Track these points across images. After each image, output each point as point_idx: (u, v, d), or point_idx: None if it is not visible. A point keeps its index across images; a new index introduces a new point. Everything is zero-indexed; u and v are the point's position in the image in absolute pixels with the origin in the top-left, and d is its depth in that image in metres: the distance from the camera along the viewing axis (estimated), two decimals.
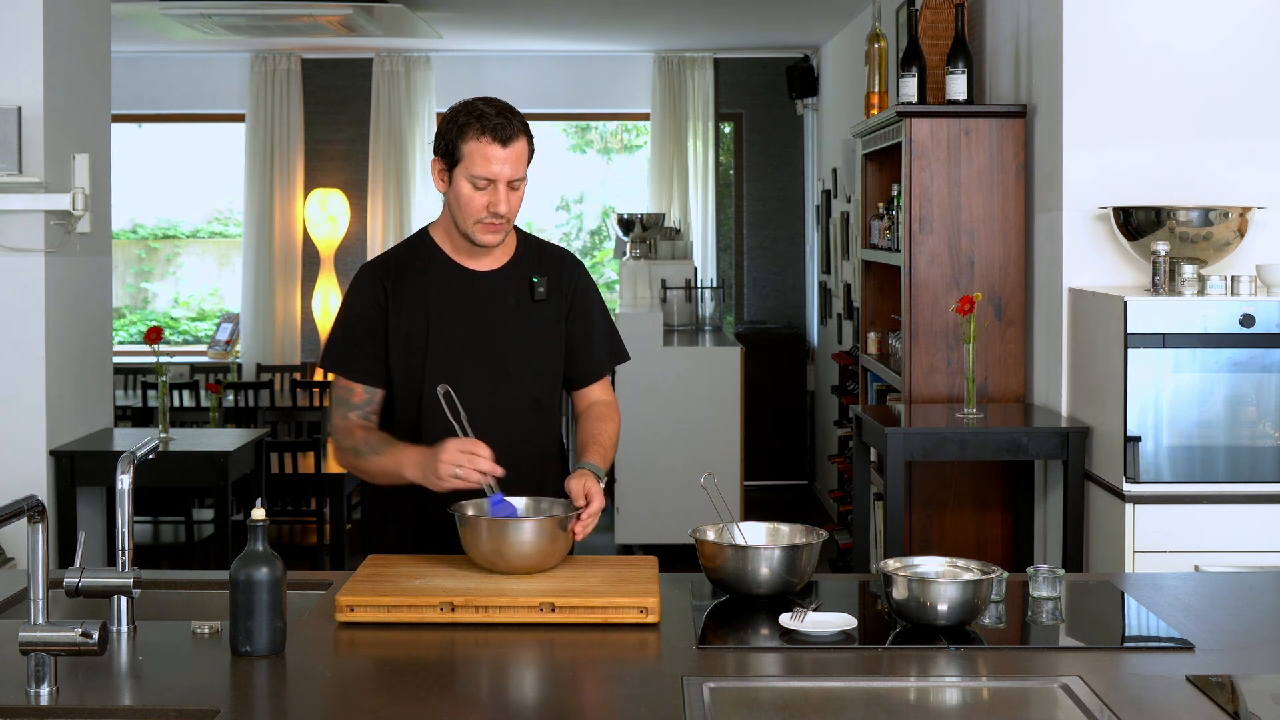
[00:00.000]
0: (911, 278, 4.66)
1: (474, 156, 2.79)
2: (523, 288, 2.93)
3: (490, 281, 2.93)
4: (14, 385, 4.96)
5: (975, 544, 4.64)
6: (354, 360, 2.90)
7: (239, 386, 7.90)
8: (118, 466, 2.43)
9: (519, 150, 2.81)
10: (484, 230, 2.84)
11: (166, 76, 9.72)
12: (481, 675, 2.27)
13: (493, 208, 2.81)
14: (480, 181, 2.79)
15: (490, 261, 2.94)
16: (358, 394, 2.90)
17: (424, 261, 2.93)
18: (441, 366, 2.86)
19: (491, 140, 2.78)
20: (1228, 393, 3.76)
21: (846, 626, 2.40)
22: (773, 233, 9.97)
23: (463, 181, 2.81)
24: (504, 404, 2.88)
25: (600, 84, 9.82)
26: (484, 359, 2.88)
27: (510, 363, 2.89)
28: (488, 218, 2.82)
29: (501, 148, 2.78)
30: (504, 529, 2.55)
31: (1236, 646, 2.37)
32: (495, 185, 2.80)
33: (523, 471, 2.83)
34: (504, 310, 2.91)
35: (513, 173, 2.80)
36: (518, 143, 2.80)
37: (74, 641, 2.06)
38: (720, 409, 7.26)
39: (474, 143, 2.79)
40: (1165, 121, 4.25)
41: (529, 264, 2.96)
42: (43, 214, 4.92)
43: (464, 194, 2.82)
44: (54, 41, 4.99)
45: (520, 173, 2.82)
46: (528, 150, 2.84)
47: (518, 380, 2.90)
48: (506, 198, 2.81)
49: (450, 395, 2.73)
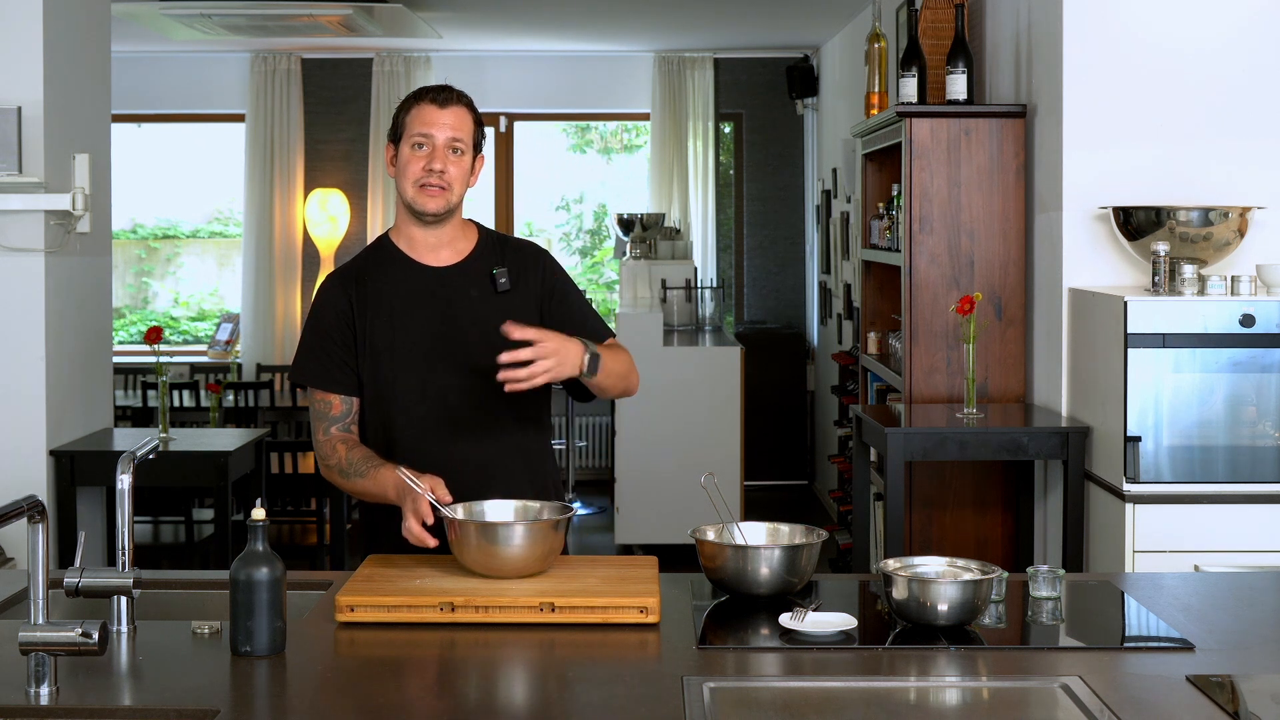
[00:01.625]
0: (911, 278, 4.66)
1: (413, 121, 2.88)
2: (484, 280, 2.92)
3: (450, 276, 2.92)
4: (14, 385, 4.96)
5: (975, 544, 4.63)
6: (325, 371, 2.89)
7: (239, 386, 7.90)
8: (118, 466, 2.43)
9: (457, 114, 2.88)
10: (424, 195, 2.86)
11: (166, 76, 9.72)
12: (481, 675, 2.27)
13: (429, 163, 2.85)
14: (418, 139, 2.86)
15: (449, 255, 2.94)
16: (335, 406, 2.89)
17: (384, 264, 2.94)
18: (409, 365, 2.87)
19: (429, 103, 2.88)
20: (1228, 393, 3.76)
21: (846, 626, 2.40)
22: (773, 233, 9.97)
23: (405, 148, 2.88)
24: (477, 400, 2.87)
25: (600, 84, 9.82)
26: (449, 354, 2.87)
27: (477, 355, 2.86)
28: (425, 176, 2.85)
29: (438, 108, 2.87)
30: (491, 535, 2.54)
31: (1236, 646, 2.37)
32: (433, 143, 2.85)
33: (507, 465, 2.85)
34: (466, 303, 2.90)
35: (451, 133, 2.86)
36: (455, 107, 2.89)
37: (74, 641, 2.06)
38: (720, 409, 7.26)
39: (414, 110, 2.90)
40: (1165, 121, 4.25)
41: (490, 257, 2.96)
42: (43, 214, 4.92)
43: (404, 158, 2.88)
44: (54, 41, 4.99)
45: (461, 136, 2.87)
46: (470, 121, 2.90)
47: (488, 375, 2.85)
48: (444, 156, 2.85)
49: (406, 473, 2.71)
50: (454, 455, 2.85)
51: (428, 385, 2.85)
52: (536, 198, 10.20)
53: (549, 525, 2.57)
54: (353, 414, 2.91)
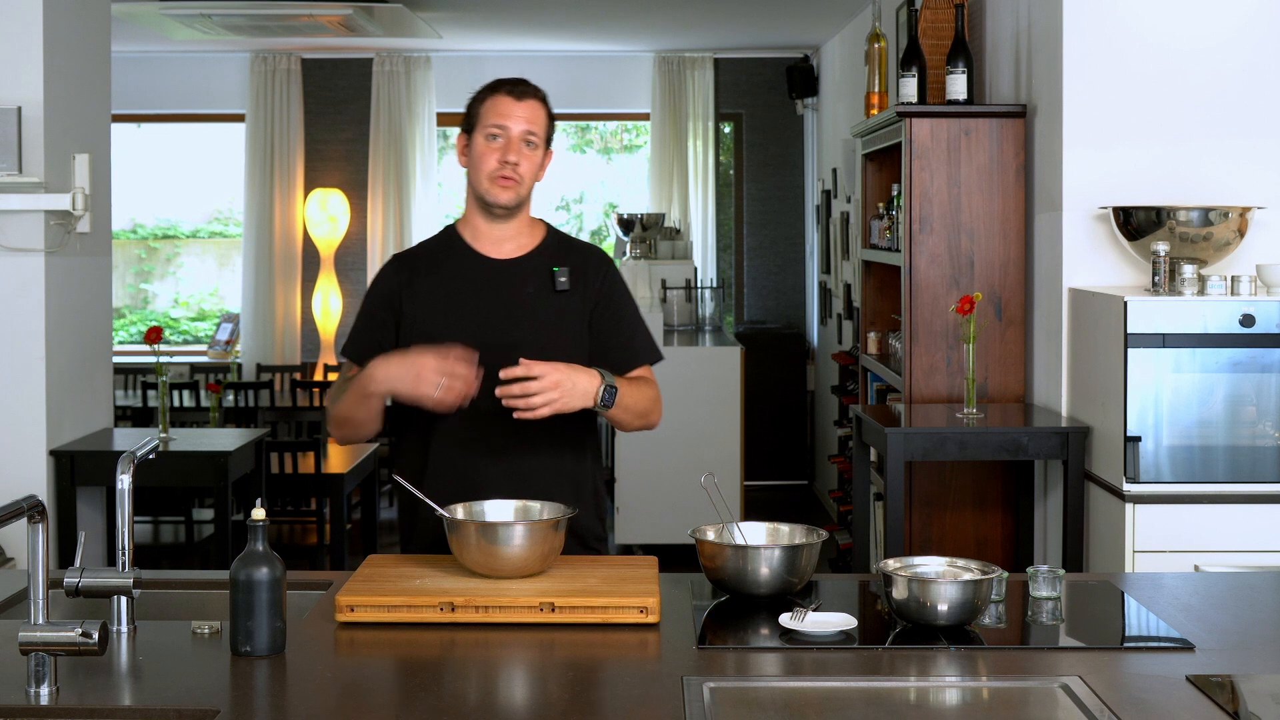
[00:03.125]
0: (911, 278, 4.66)
1: (488, 112, 2.88)
2: (543, 277, 2.93)
3: (509, 270, 2.93)
4: (14, 385, 4.96)
5: (975, 544, 4.64)
6: (364, 349, 2.92)
7: (239, 386, 7.90)
8: (118, 466, 2.43)
9: (533, 108, 2.88)
10: (497, 186, 2.87)
11: (166, 76, 9.73)
12: (481, 675, 2.27)
13: (503, 155, 2.85)
14: (493, 130, 2.86)
15: (512, 249, 2.94)
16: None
17: (446, 251, 2.96)
18: None
19: (505, 94, 2.88)
20: (1227, 393, 3.76)
21: (846, 626, 2.40)
22: (773, 233, 9.97)
23: (479, 138, 2.89)
24: None
25: (600, 84, 9.82)
26: (497, 348, 2.85)
27: (525, 352, 2.84)
28: (499, 169, 2.86)
29: (515, 101, 2.87)
30: (491, 535, 2.54)
31: (1236, 646, 2.37)
32: (508, 136, 2.86)
33: (542, 465, 2.84)
34: (521, 299, 2.90)
35: (526, 125, 2.86)
36: (531, 100, 2.89)
37: (74, 641, 2.06)
38: (720, 409, 7.26)
39: (489, 100, 2.89)
40: (1165, 121, 4.25)
41: (552, 255, 2.96)
42: (43, 214, 4.92)
43: (478, 149, 2.88)
44: (54, 41, 4.99)
45: (535, 129, 2.88)
46: (544, 115, 2.91)
47: None
48: (519, 149, 2.86)
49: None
50: (491, 446, 2.86)
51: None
52: (537, 197, 10.11)
53: (549, 525, 2.57)
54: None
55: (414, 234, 9.62)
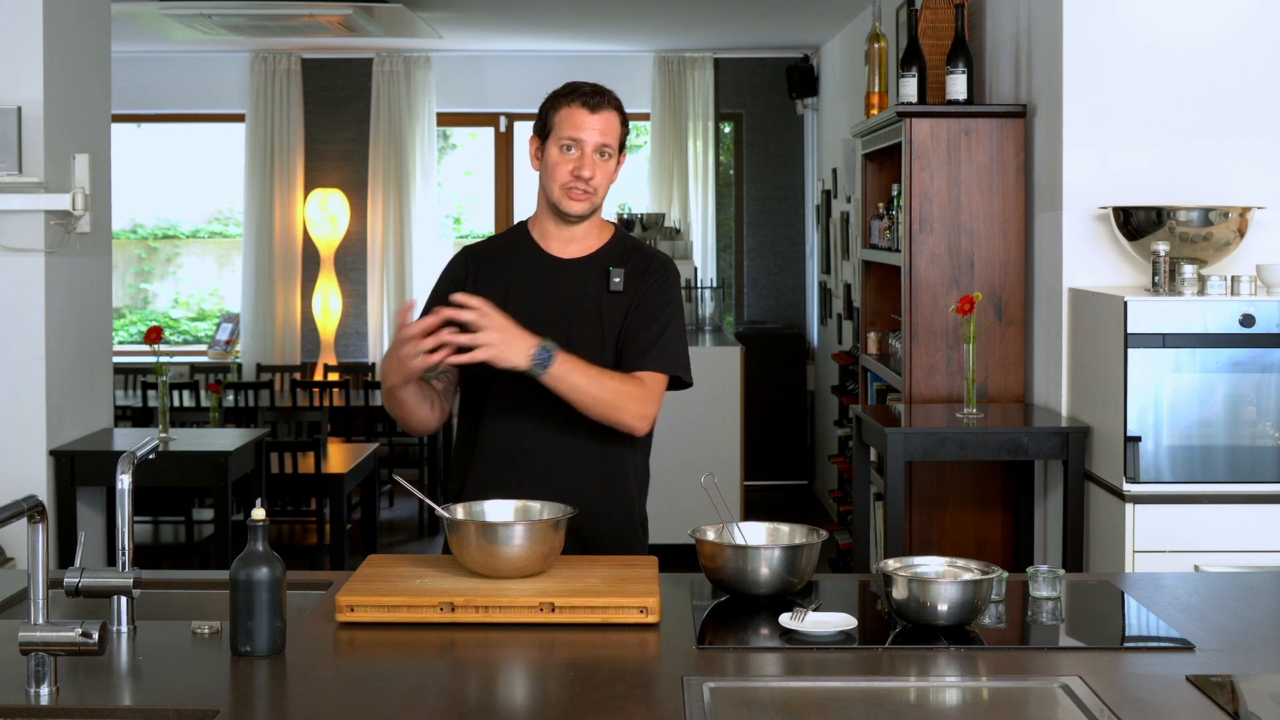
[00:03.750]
0: (911, 278, 4.66)
1: (563, 122, 2.88)
2: (602, 277, 2.94)
3: (572, 269, 2.94)
4: (14, 385, 4.95)
5: (975, 544, 4.64)
6: None
7: (239, 386, 7.90)
8: (118, 466, 2.43)
9: (607, 119, 2.89)
10: (570, 197, 2.88)
11: (166, 76, 9.73)
12: (481, 675, 2.27)
13: (578, 170, 2.86)
14: (567, 142, 2.87)
15: (577, 249, 2.96)
16: None
17: (514, 247, 2.99)
18: None
19: (580, 106, 2.88)
20: (1228, 393, 3.76)
21: (846, 626, 2.40)
22: (773, 233, 9.97)
23: (553, 148, 2.89)
24: None
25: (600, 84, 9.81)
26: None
27: (579, 352, 2.84)
28: (573, 182, 2.86)
29: (589, 113, 2.87)
30: (491, 534, 2.54)
31: (1236, 646, 2.37)
32: (582, 148, 2.86)
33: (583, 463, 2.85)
34: (580, 298, 2.92)
35: (600, 138, 2.87)
36: (606, 112, 2.89)
37: (74, 641, 2.06)
38: (720, 409, 7.26)
39: (564, 109, 2.89)
40: (1165, 121, 4.25)
41: (614, 256, 2.97)
42: (43, 214, 4.92)
43: (552, 159, 2.89)
44: (54, 41, 4.99)
45: (609, 141, 2.88)
46: (619, 125, 2.91)
47: None
48: (593, 163, 2.86)
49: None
50: (538, 441, 2.88)
51: None
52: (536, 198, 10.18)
53: (548, 525, 2.57)
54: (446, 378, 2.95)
55: (414, 234, 9.62)
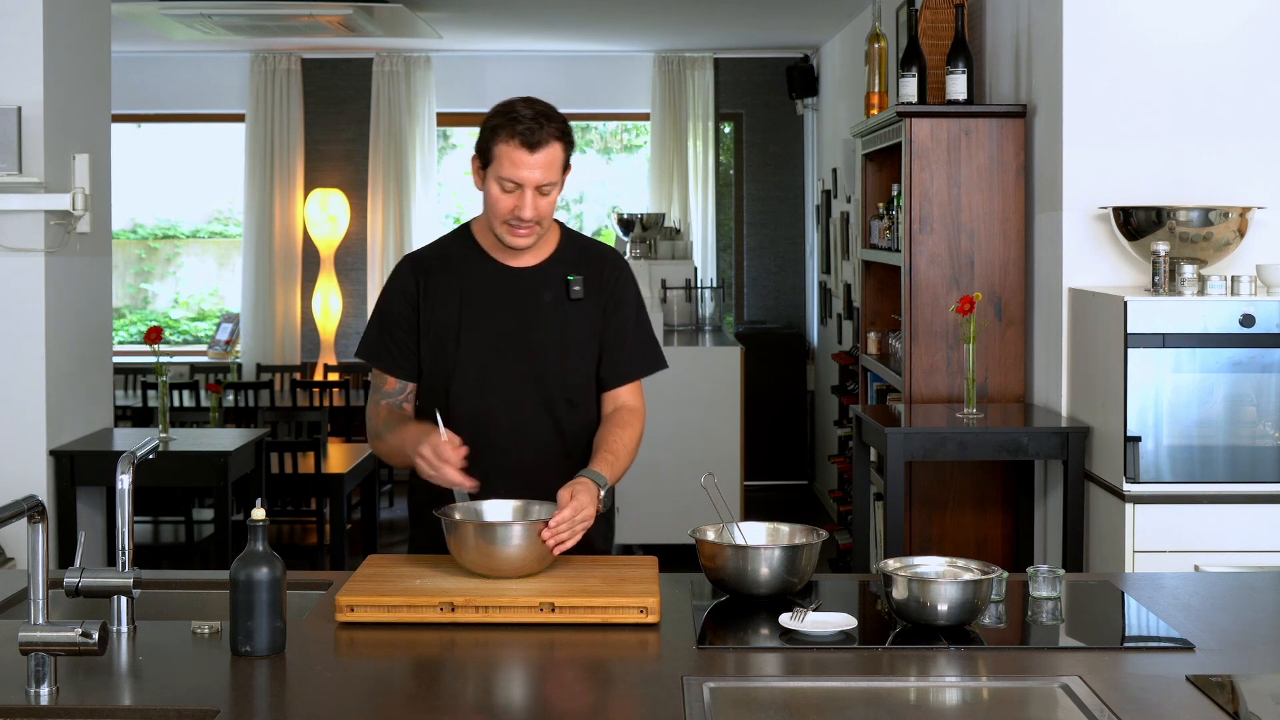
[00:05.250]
0: (911, 278, 4.66)
1: (503, 160, 2.77)
2: (559, 285, 2.91)
3: (526, 278, 2.91)
4: (14, 385, 4.96)
5: (975, 544, 4.64)
6: (385, 353, 2.92)
7: (239, 386, 7.90)
8: (118, 466, 2.43)
9: (549, 156, 2.78)
10: (510, 233, 2.82)
11: (166, 76, 9.72)
12: (481, 675, 2.27)
13: (518, 212, 2.78)
14: (508, 184, 2.78)
15: (529, 258, 2.92)
16: (389, 384, 2.93)
17: (461, 256, 2.93)
18: (472, 363, 2.86)
19: (520, 145, 2.75)
20: (1227, 393, 3.76)
21: (846, 626, 2.40)
22: (773, 233, 9.97)
23: (492, 183, 2.80)
24: (534, 402, 2.87)
25: (600, 84, 9.82)
26: (515, 356, 2.87)
27: (542, 361, 2.86)
28: (514, 220, 2.80)
29: (529, 153, 2.75)
30: (489, 534, 2.54)
31: (1236, 646, 2.37)
32: (522, 190, 2.77)
33: (553, 472, 2.81)
34: (538, 308, 2.89)
35: (541, 178, 2.77)
36: (548, 148, 2.77)
37: (74, 641, 2.06)
38: (720, 409, 7.26)
39: (503, 145, 2.77)
40: (1165, 121, 4.25)
41: (568, 261, 2.94)
42: (43, 214, 4.92)
43: (492, 194, 2.81)
44: (54, 41, 4.99)
45: (551, 179, 2.79)
46: (561, 156, 2.81)
47: (549, 379, 2.88)
48: (534, 203, 2.78)
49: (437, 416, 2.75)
50: (502, 455, 2.85)
51: (487, 382, 2.85)
52: None
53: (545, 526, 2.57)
54: (405, 394, 2.92)
55: (414, 234, 9.61)
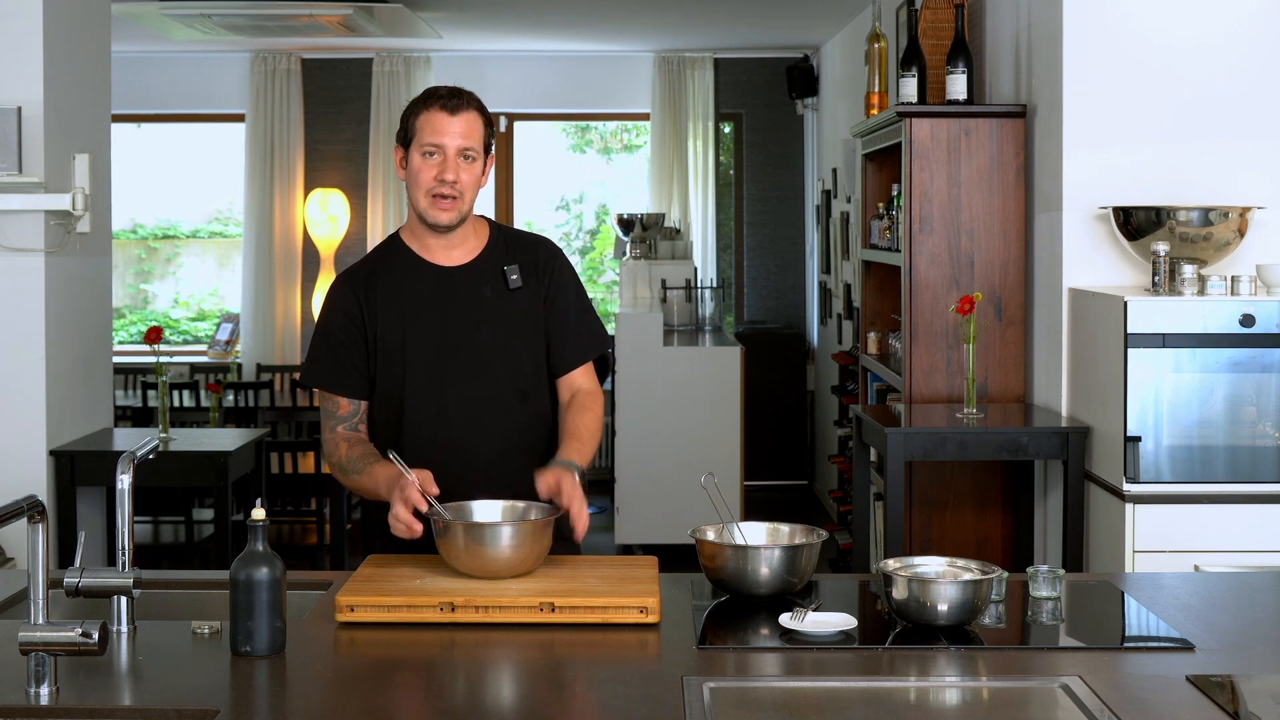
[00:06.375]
0: (911, 278, 4.66)
1: (424, 128, 2.84)
2: (497, 278, 2.91)
3: (463, 276, 2.91)
4: (14, 385, 4.95)
5: (975, 544, 4.64)
6: (332, 373, 2.90)
7: (239, 386, 7.90)
8: (118, 466, 2.43)
9: (468, 120, 2.84)
10: (435, 206, 2.83)
11: (166, 76, 9.72)
12: (481, 675, 2.27)
13: (440, 174, 2.82)
14: (429, 148, 2.82)
15: (461, 255, 2.92)
16: (342, 407, 2.91)
17: (395, 265, 2.92)
18: (421, 367, 2.86)
19: (439, 109, 2.84)
20: (1227, 393, 3.76)
21: (846, 626, 2.40)
22: (773, 233, 9.97)
23: (415, 155, 2.84)
24: (488, 398, 2.87)
25: (600, 84, 9.82)
26: (463, 355, 2.87)
27: (491, 356, 2.87)
28: (437, 187, 2.82)
29: (449, 115, 2.83)
30: (478, 535, 2.53)
31: (1236, 646, 2.37)
32: (444, 153, 2.82)
33: (514, 465, 2.82)
34: (480, 303, 2.89)
35: (463, 141, 2.82)
36: (467, 113, 2.85)
37: (74, 641, 2.06)
38: (720, 409, 7.26)
39: (423, 115, 2.85)
40: (1165, 121, 4.25)
41: (501, 254, 2.95)
42: (43, 214, 4.92)
43: (415, 166, 2.84)
44: (54, 41, 4.99)
45: (472, 144, 2.84)
46: (481, 127, 2.86)
47: (500, 373, 2.88)
48: (456, 166, 2.82)
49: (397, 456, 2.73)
50: (462, 455, 2.85)
51: (438, 384, 2.86)
52: (536, 197, 10.20)
53: (537, 526, 2.57)
54: (360, 414, 2.91)
55: None
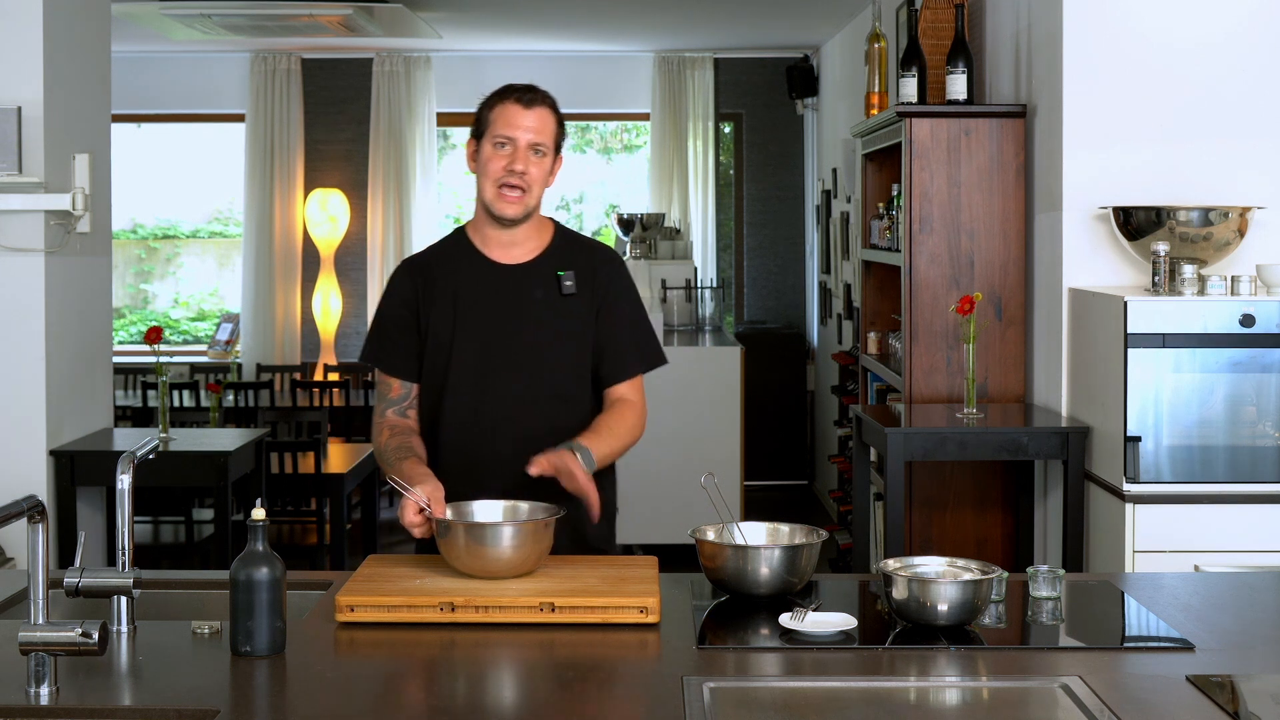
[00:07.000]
0: (911, 278, 4.66)
1: (497, 120, 2.88)
2: (551, 281, 2.93)
3: (518, 275, 2.94)
4: (14, 385, 4.95)
5: (975, 544, 4.63)
6: (387, 355, 2.96)
7: (239, 386, 7.90)
8: (118, 466, 2.43)
9: (541, 116, 2.88)
10: (502, 197, 2.86)
11: (166, 76, 9.72)
12: (481, 675, 2.27)
13: (510, 164, 2.85)
14: (501, 139, 2.86)
15: (520, 254, 2.95)
16: (394, 389, 2.95)
17: (455, 257, 2.97)
18: (463, 362, 2.89)
19: (514, 103, 2.87)
20: (1227, 393, 3.76)
21: (846, 626, 2.40)
22: (773, 233, 9.97)
23: (487, 145, 2.88)
24: (524, 398, 2.89)
25: (600, 84, 9.82)
26: (508, 353, 2.89)
27: (534, 357, 2.89)
28: (505, 177, 2.85)
29: (523, 109, 2.87)
30: (479, 535, 2.53)
31: (1236, 646, 2.37)
32: (515, 145, 2.86)
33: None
34: (529, 304, 2.92)
35: (535, 136, 2.86)
36: (540, 109, 2.88)
37: (74, 641, 2.06)
38: (720, 409, 7.26)
39: (499, 108, 2.89)
40: (1165, 121, 4.25)
41: (560, 258, 2.97)
42: (43, 214, 4.92)
43: (486, 156, 2.88)
44: (54, 41, 4.99)
45: (543, 139, 2.87)
46: (554, 124, 2.90)
47: (542, 375, 2.90)
48: (526, 159, 2.85)
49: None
50: (491, 452, 2.87)
51: (480, 380, 2.88)
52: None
53: (537, 526, 2.57)
54: (410, 399, 2.95)
55: (414, 234, 9.61)
